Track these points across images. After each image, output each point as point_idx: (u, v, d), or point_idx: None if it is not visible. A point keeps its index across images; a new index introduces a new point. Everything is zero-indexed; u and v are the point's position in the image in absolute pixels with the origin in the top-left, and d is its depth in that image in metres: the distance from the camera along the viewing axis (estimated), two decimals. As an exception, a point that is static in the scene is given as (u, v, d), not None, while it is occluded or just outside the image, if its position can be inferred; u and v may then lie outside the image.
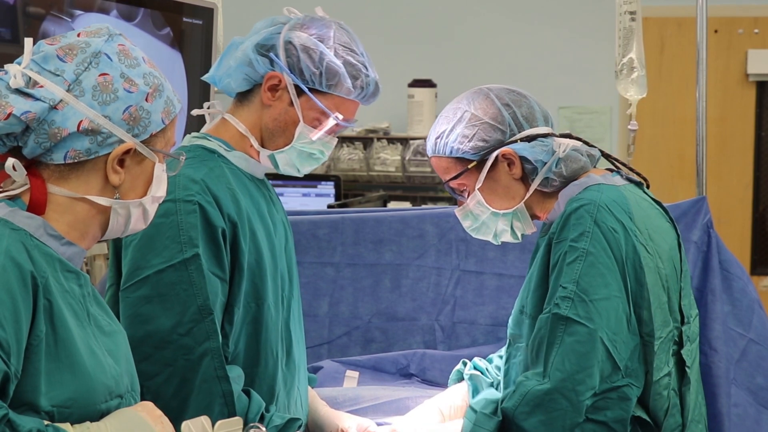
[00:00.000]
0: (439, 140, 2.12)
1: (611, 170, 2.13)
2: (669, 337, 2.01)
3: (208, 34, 2.96)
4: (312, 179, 5.21)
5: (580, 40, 5.82)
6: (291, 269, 2.11)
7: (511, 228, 2.13)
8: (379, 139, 5.81)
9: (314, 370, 2.65)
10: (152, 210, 1.63)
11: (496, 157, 2.07)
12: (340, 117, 2.01)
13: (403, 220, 2.84)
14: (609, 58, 2.92)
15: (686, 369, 2.04)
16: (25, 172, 1.52)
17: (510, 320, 2.16)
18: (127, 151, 1.55)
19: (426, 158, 5.93)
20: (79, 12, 2.51)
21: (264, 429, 1.73)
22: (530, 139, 2.07)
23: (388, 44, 5.86)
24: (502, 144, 2.07)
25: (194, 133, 2.06)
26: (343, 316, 2.81)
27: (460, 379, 2.33)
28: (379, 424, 2.26)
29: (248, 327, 1.97)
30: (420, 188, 5.82)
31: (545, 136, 2.08)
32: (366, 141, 5.83)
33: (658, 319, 1.99)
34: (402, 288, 2.80)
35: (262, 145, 2.03)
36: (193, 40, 2.92)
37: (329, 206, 4.68)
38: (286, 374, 2.06)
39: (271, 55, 1.98)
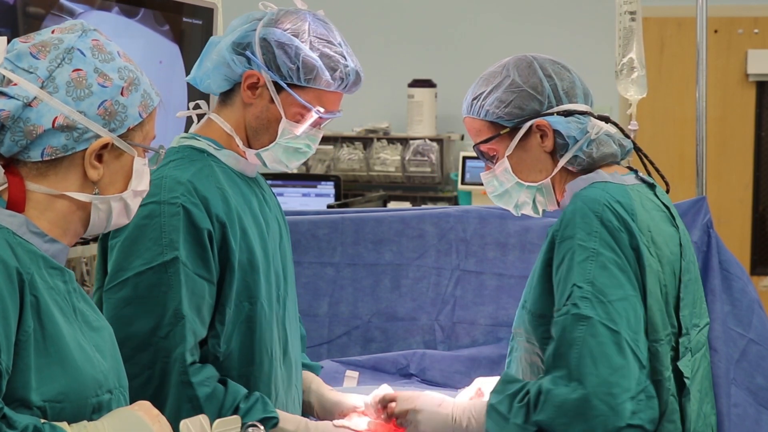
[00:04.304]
0: (475, 101, 2.07)
1: (631, 168, 2.11)
2: (666, 341, 2.00)
3: (207, 34, 2.96)
4: (312, 179, 5.21)
5: (580, 40, 5.82)
6: (286, 268, 2.10)
7: (533, 202, 2.10)
8: (379, 139, 5.82)
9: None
10: (134, 204, 1.62)
11: (530, 126, 2.04)
12: (322, 110, 1.99)
13: (402, 220, 2.83)
14: (609, 58, 2.92)
15: (685, 380, 2.02)
16: (3, 171, 1.52)
17: (516, 315, 2.14)
18: (105, 146, 1.54)
19: (425, 158, 5.92)
20: (80, 11, 2.50)
21: (262, 428, 1.73)
22: (567, 114, 2.04)
23: (388, 44, 5.87)
24: (537, 114, 2.04)
25: (183, 134, 2.05)
26: (343, 316, 2.81)
27: None
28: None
29: (242, 326, 1.96)
30: (420, 188, 5.82)
31: (583, 113, 2.06)
32: (366, 141, 5.83)
33: (656, 321, 1.97)
34: (402, 288, 2.80)
35: (249, 144, 2.02)
36: (192, 40, 2.92)
37: (329, 206, 4.68)
38: (283, 373, 2.06)
39: (248, 53, 1.97)
